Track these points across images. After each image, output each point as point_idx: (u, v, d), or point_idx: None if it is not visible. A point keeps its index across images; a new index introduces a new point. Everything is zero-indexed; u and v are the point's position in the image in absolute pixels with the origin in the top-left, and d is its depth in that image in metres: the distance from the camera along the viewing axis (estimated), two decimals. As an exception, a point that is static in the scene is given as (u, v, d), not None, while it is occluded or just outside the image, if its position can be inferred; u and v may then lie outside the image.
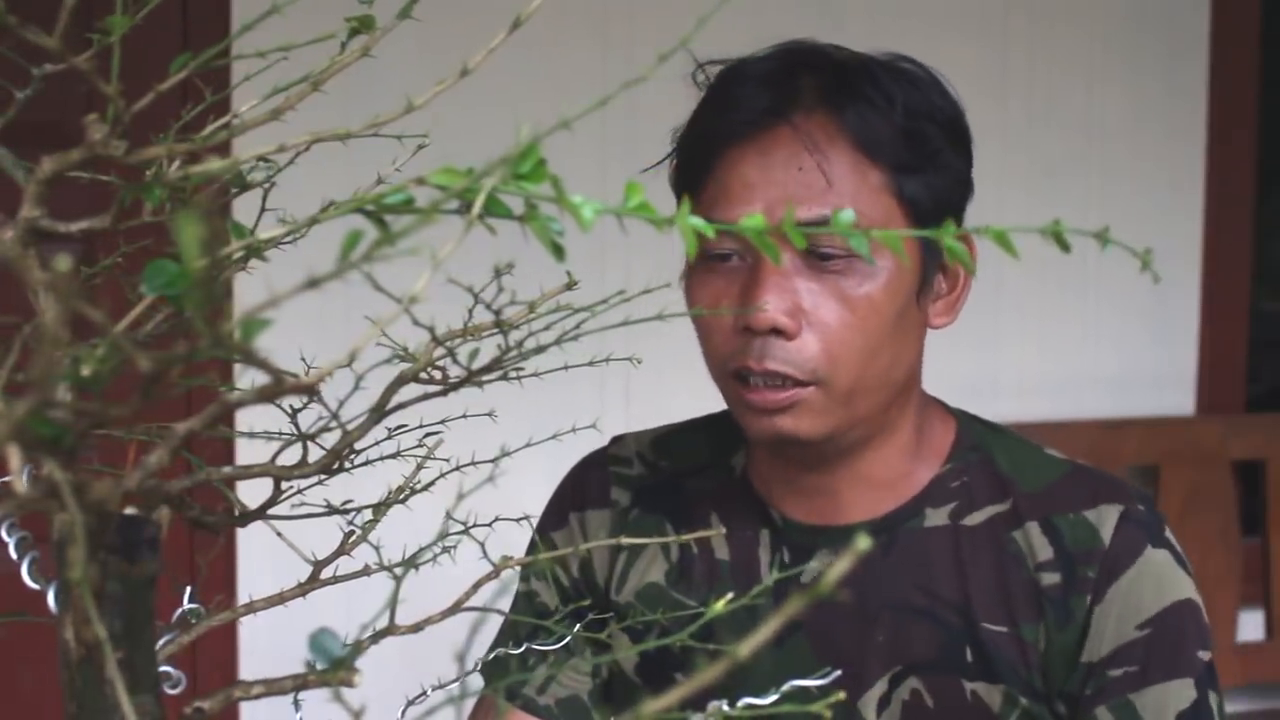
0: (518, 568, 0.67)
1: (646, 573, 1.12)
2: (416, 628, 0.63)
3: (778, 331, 0.96)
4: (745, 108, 0.99)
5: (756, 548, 1.09)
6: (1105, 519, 1.03)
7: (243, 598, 0.67)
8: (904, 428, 1.06)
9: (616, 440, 1.20)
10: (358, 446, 0.59)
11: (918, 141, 0.98)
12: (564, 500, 1.18)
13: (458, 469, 0.71)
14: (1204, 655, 1.02)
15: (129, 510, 0.50)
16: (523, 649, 0.83)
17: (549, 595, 1.14)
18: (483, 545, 0.70)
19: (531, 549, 1.15)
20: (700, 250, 0.98)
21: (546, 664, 0.79)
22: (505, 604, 1.13)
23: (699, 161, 1.01)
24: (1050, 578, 1.03)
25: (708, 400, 1.22)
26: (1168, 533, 1.05)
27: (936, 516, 1.06)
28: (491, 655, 0.97)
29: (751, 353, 0.96)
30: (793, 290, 0.96)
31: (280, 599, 0.64)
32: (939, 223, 1.00)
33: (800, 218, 0.95)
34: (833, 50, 1.03)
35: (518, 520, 0.88)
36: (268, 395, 0.40)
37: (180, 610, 0.64)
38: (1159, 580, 1.02)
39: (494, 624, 1.11)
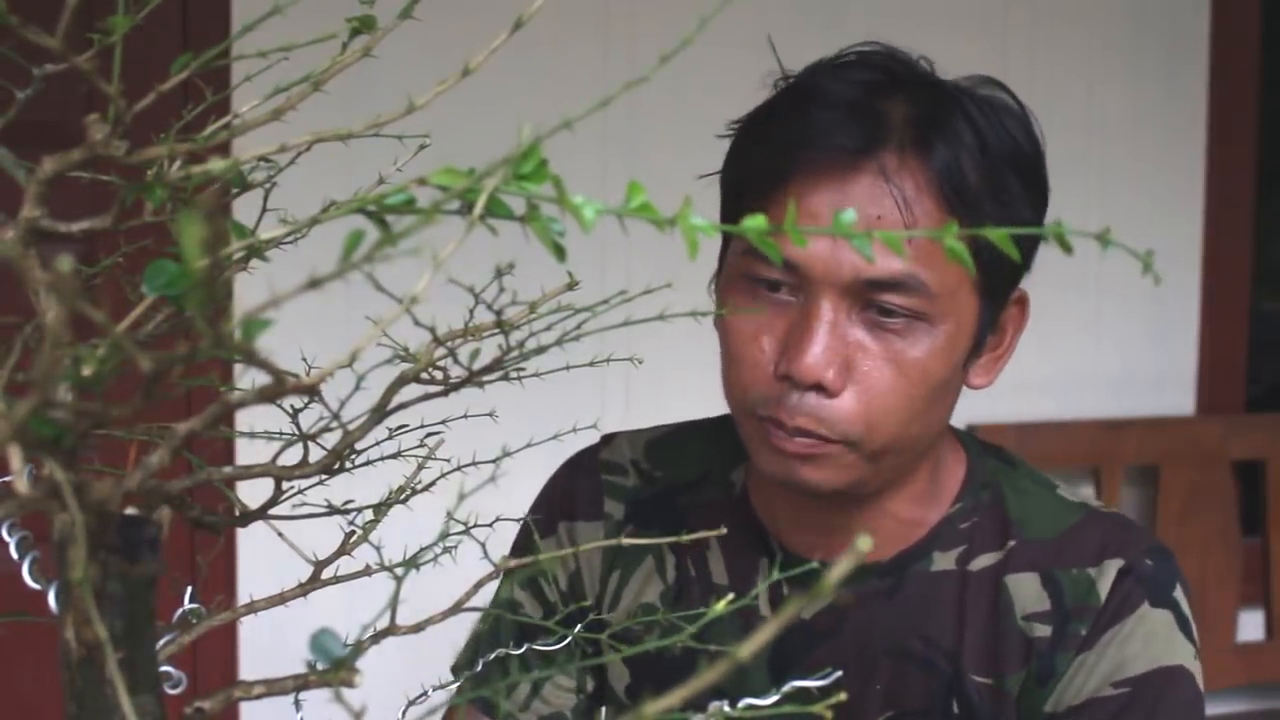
0: (511, 567, 0.67)
1: (641, 593, 1.07)
2: (417, 628, 0.63)
3: (820, 387, 0.89)
4: (829, 141, 0.89)
5: (754, 575, 1.04)
6: (1105, 574, 0.98)
7: (243, 598, 0.67)
8: (923, 474, 1.00)
9: (608, 441, 1.14)
10: (358, 446, 0.59)
11: (1003, 196, 0.91)
12: (552, 507, 1.12)
13: (459, 469, 0.71)
14: None
15: (130, 510, 0.50)
16: (504, 658, 0.81)
17: (533, 608, 1.09)
18: (484, 545, 0.70)
19: (521, 547, 1.10)
20: (747, 270, 0.93)
21: (529, 675, 0.77)
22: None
23: (765, 180, 0.92)
24: (1041, 629, 0.98)
25: (708, 401, 1.22)
26: (1176, 593, 0.99)
27: (944, 560, 1.01)
28: (468, 661, 0.94)
29: (786, 404, 0.90)
30: (843, 343, 0.89)
31: (281, 599, 0.64)
32: (1010, 281, 0.96)
33: (870, 273, 0.88)
34: (919, 67, 0.95)
35: (518, 520, 0.88)
36: (269, 395, 0.40)
37: (181, 610, 0.64)
38: (1149, 641, 0.97)
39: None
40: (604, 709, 1.14)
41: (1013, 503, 1.02)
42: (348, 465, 0.59)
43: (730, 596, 0.61)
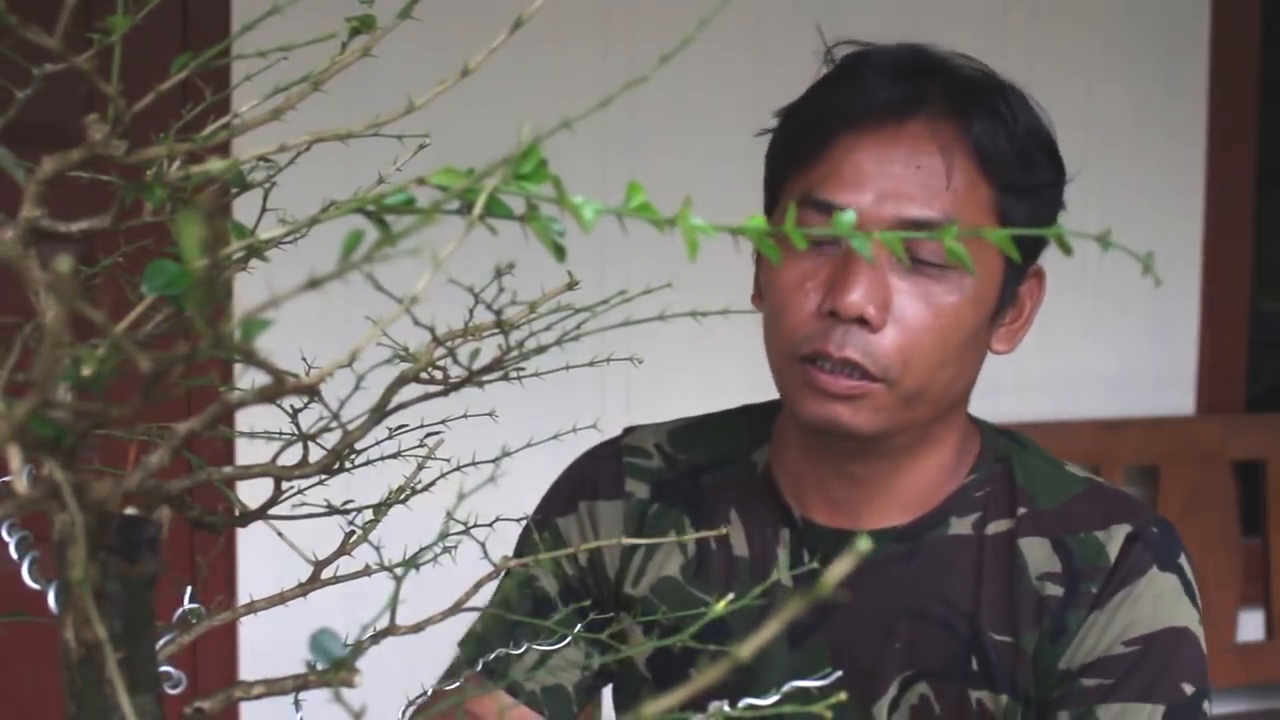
0: (511, 567, 0.67)
1: (663, 566, 1.11)
2: (417, 628, 0.63)
3: (862, 322, 0.95)
4: (874, 95, 0.98)
5: (775, 546, 1.08)
6: (1114, 537, 1.02)
7: (243, 598, 0.67)
8: (946, 444, 1.06)
9: (630, 431, 1.19)
10: (358, 446, 0.59)
11: (1030, 165, 0.99)
12: (573, 488, 1.16)
13: (458, 469, 0.71)
14: (1188, 688, 0.99)
15: (129, 510, 0.50)
16: (514, 633, 0.81)
17: (549, 582, 1.12)
18: (483, 545, 0.70)
19: (526, 534, 1.13)
20: (799, 221, 0.96)
21: (538, 645, 0.78)
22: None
23: (811, 139, 0.99)
24: (1053, 589, 1.02)
25: (708, 401, 1.22)
26: (1182, 560, 1.03)
27: (961, 525, 1.06)
28: (481, 629, 0.96)
29: (832, 338, 0.95)
30: (884, 285, 0.95)
31: (281, 599, 0.64)
32: (1034, 251, 1.03)
33: (909, 216, 0.95)
34: (957, 56, 1.03)
35: (518, 520, 0.88)
36: (268, 395, 0.40)
37: (180, 610, 0.64)
38: (1158, 602, 1.01)
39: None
40: (611, 693, 1.15)
41: (1021, 475, 1.07)
42: (348, 465, 0.59)
43: (731, 596, 0.60)
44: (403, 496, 0.66)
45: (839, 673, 0.92)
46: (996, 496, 1.06)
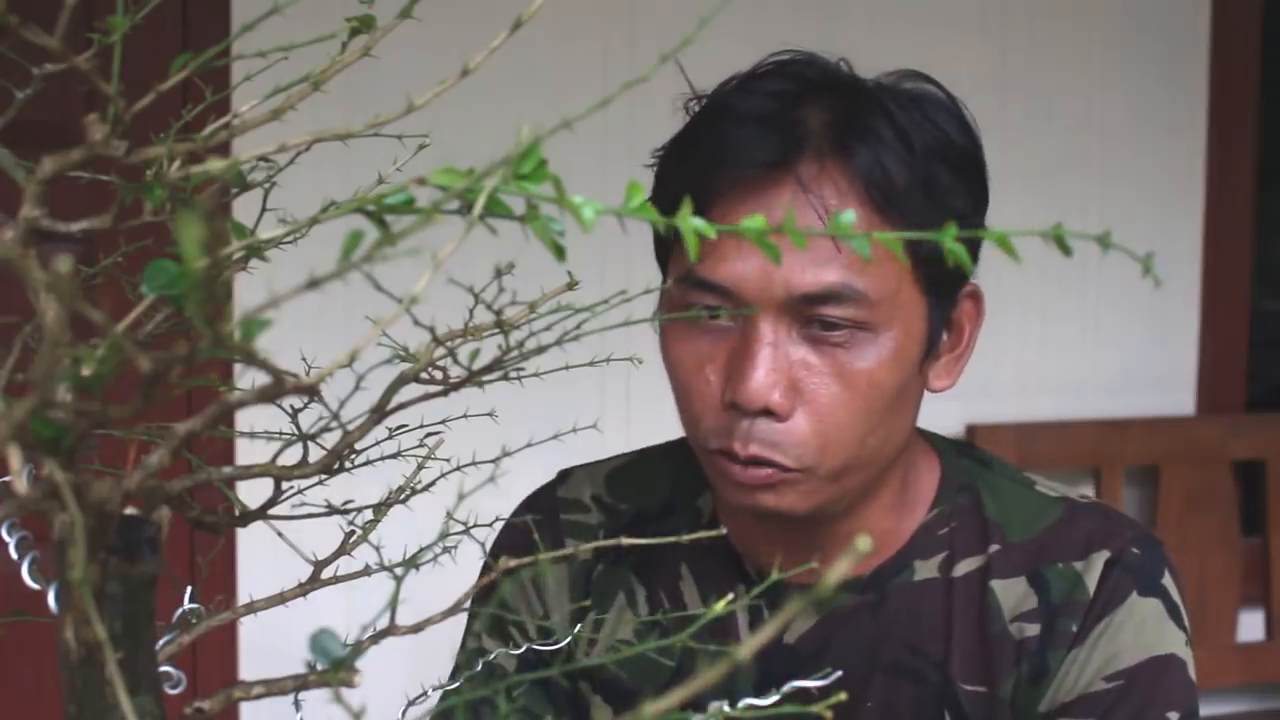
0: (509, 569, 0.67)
1: (617, 630, 1.04)
2: (417, 628, 0.63)
3: (768, 411, 0.87)
4: (743, 158, 0.87)
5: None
6: (1093, 567, 0.97)
7: (243, 598, 0.67)
8: (891, 485, 0.98)
9: (564, 478, 1.10)
10: (358, 446, 0.59)
11: (935, 192, 0.88)
12: (516, 553, 1.09)
13: (458, 469, 0.71)
14: (1173, 716, 0.95)
15: (129, 510, 0.50)
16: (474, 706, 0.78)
17: (506, 659, 1.03)
18: (483, 545, 0.70)
19: (486, 589, 1.08)
20: (684, 300, 0.90)
21: None
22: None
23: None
24: (1030, 629, 0.97)
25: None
26: (1166, 579, 0.98)
27: (926, 569, 0.99)
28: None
29: (737, 434, 0.87)
30: (787, 364, 0.87)
31: (281, 599, 0.64)
32: (953, 281, 0.92)
33: (802, 287, 0.85)
34: (836, 70, 0.92)
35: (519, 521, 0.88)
36: (268, 395, 0.40)
37: (180, 610, 0.64)
38: (1139, 631, 0.96)
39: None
40: None
41: (991, 504, 1.00)
42: (348, 465, 0.59)
43: (730, 598, 0.60)
44: (403, 496, 0.66)
45: (839, 673, 0.91)
46: (965, 531, 0.99)
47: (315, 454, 0.60)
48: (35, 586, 0.57)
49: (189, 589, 0.66)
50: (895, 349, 0.88)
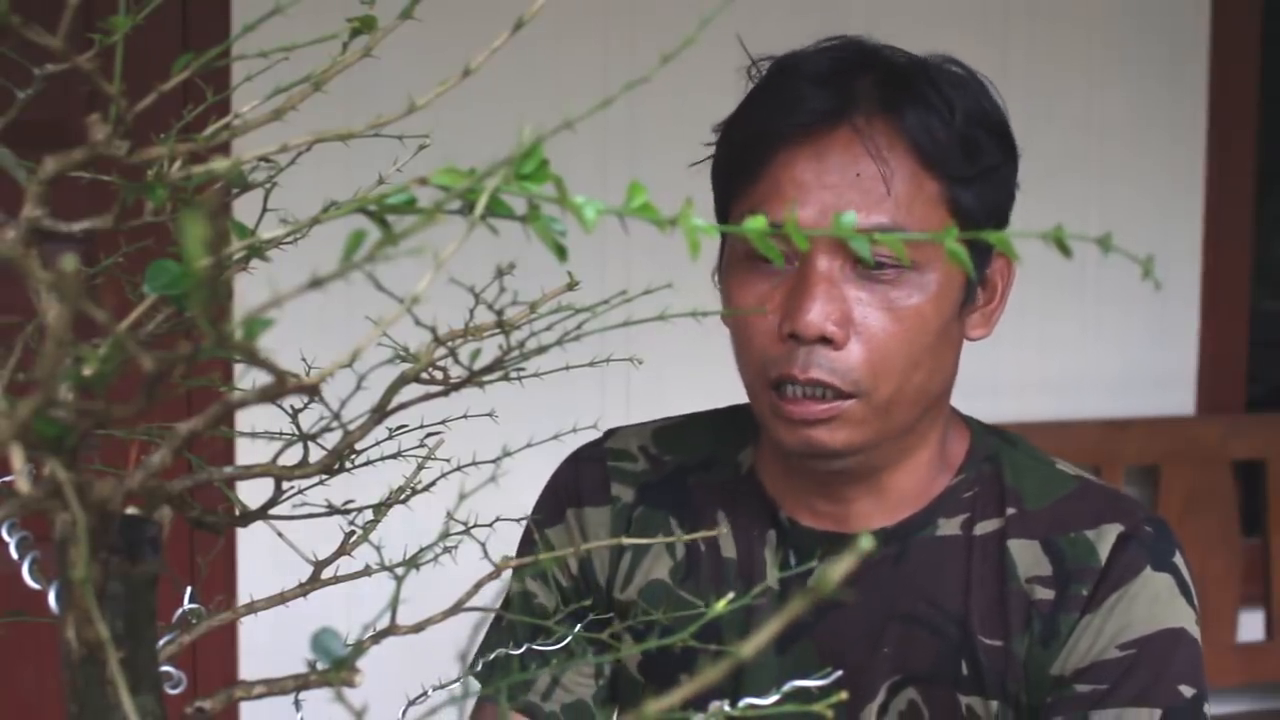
0: (512, 567, 0.67)
1: (652, 569, 1.10)
2: (418, 628, 0.63)
3: (825, 340, 0.94)
4: (803, 107, 0.96)
5: (762, 548, 1.07)
6: (1105, 537, 1.01)
7: (243, 598, 0.67)
8: (931, 442, 1.05)
9: (612, 434, 1.17)
10: (359, 446, 0.59)
11: (973, 151, 0.97)
12: (558, 496, 1.15)
13: (459, 469, 0.71)
14: (1186, 690, 0.98)
15: (131, 510, 0.50)
16: (522, 651, 0.82)
17: (547, 596, 1.12)
18: (484, 545, 0.70)
19: (526, 543, 1.13)
20: (743, 250, 0.98)
21: (549, 667, 0.77)
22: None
23: (750, 158, 0.98)
24: (1044, 592, 1.01)
25: (708, 401, 1.22)
26: (1177, 559, 1.02)
27: (949, 526, 1.04)
28: (491, 656, 0.96)
29: (796, 361, 0.94)
30: (841, 298, 0.94)
31: (281, 599, 0.64)
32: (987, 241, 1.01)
33: (856, 225, 0.92)
34: (886, 50, 1.01)
35: (519, 520, 0.88)
36: (269, 395, 0.40)
37: (181, 610, 0.64)
38: (1153, 604, 0.99)
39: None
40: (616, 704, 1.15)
41: (1010, 475, 1.06)
42: (348, 465, 0.59)
43: (730, 596, 0.60)
44: (403, 496, 0.66)
45: (839, 672, 0.91)
46: (985, 496, 1.05)
47: (316, 454, 0.60)
48: (36, 586, 0.58)
49: (189, 589, 0.66)
50: (938, 290, 0.96)
